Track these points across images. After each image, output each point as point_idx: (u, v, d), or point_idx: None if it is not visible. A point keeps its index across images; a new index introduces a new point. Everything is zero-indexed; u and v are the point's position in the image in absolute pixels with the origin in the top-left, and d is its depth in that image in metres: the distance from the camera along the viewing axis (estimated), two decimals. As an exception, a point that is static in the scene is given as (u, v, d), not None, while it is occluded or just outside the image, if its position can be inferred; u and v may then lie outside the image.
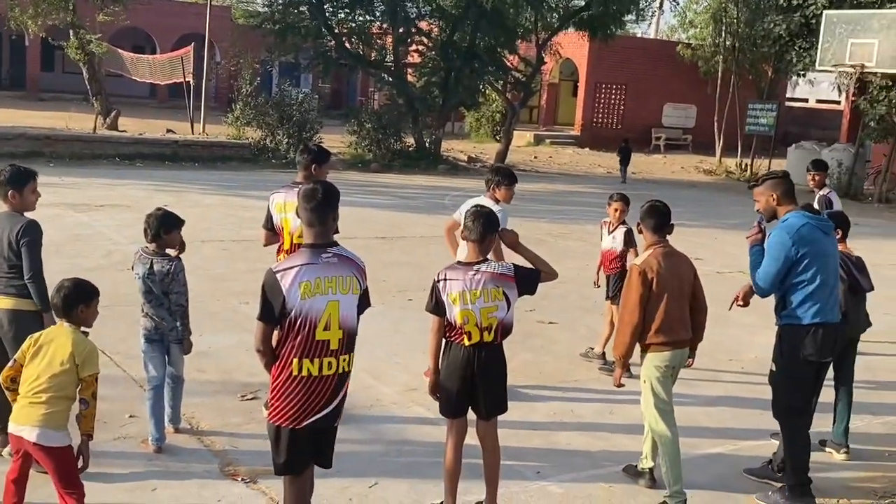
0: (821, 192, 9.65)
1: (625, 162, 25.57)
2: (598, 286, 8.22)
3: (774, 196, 5.39)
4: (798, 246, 5.24)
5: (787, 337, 5.41)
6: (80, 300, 4.40)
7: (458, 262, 4.94)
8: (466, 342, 4.76)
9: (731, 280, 12.16)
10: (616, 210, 7.93)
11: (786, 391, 5.45)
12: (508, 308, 4.79)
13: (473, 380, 4.81)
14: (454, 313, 4.75)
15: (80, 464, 4.31)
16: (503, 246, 5.44)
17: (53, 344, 4.31)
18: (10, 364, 4.42)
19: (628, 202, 7.94)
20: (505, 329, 4.83)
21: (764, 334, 6.28)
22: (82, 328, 4.43)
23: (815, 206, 9.06)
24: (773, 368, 5.55)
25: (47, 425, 4.22)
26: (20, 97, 37.25)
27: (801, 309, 5.30)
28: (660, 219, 5.34)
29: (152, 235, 5.58)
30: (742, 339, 8.93)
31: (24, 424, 4.23)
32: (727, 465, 6.03)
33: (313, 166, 6.24)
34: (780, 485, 5.53)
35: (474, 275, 4.75)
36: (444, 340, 4.87)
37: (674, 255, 5.33)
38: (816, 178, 9.64)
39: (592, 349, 8.15)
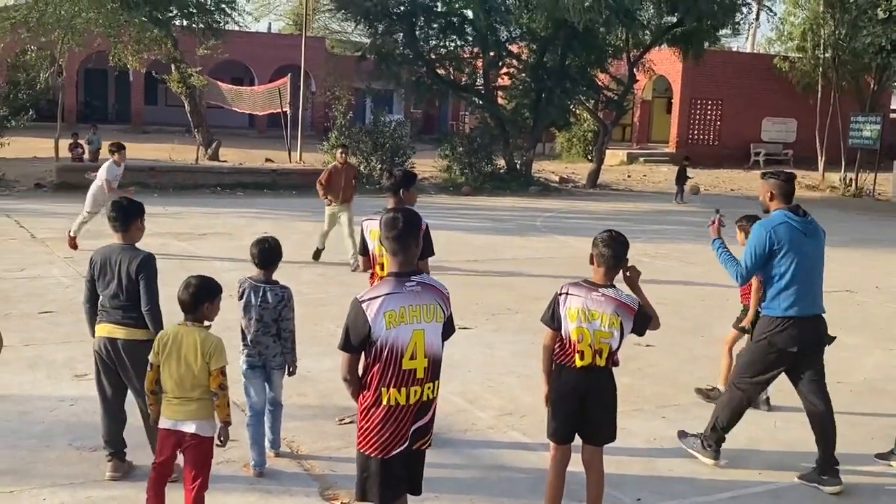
0: None
1: (680, 181, 24.63)
2: None
3: (770, 193, 5.95)
4: (772, 241, 5.69)
5: (761, 324, 5.97)
6: (206, 297, 4.71)
7: (585, 281, 4.86)
8: (578, 362, 4.71)
9: (838, 299, 11.74)
10: None
11: (744, 365, 6.01)
12: (621, 339, 4.74)
13: (584, 404, 4.77)
14: (569, 329, 4.73)
15: (219, 440, 4.64)
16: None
17: (183, 344, 4.59)
18: (149, 370, 4.67)
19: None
20: (614, 358, 4.79)
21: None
22: (205, 322, 4.71)
23: None
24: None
25: (203, 417, 4.59)
26: (125, 130, 38.65)
27: (775, 301, 5.77)
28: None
29: (264, 264, 5.68)
30: (851, 360, 8.58)
31: (183, 419, 4.56)
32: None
33: (401, 191, 6.30)
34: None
35: (598, 296, 4.71)
36: (554, 363, 4.83)
37: None
38: None
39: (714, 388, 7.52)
